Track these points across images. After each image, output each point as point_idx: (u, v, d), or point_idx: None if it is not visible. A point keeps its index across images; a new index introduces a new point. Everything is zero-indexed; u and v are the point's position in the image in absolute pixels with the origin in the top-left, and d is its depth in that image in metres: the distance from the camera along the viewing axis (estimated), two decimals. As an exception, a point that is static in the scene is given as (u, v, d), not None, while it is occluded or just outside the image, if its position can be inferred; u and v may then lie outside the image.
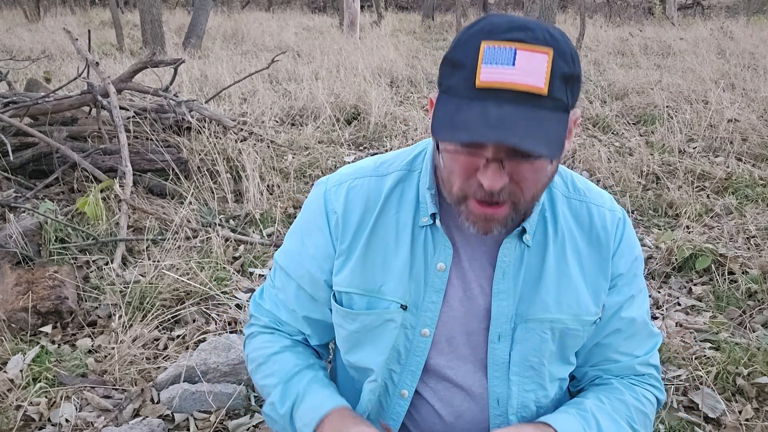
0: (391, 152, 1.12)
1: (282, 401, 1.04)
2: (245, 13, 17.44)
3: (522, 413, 1.04)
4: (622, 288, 1.05)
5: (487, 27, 0.82)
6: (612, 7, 16.78)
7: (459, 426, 1.05)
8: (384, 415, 1.07)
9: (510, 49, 0.79)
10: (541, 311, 1.00)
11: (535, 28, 0.81)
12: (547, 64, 0.79)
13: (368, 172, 1.07)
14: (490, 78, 0.79)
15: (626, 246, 1.05)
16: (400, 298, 1.00)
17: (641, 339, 1.09)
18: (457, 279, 1.01)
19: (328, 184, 1.08)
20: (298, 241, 1.10)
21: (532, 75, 0.79)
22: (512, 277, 1.00)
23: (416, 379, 1.04)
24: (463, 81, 0.82)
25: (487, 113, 0.79)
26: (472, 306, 1.02)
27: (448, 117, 0.82)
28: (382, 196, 1.03)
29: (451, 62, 0.84)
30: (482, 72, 0.80)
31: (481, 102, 0.80)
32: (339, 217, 1.04)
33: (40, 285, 2.60)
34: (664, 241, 3.28)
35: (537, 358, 1.01)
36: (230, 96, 6.29)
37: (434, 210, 0.99)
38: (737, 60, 8.37)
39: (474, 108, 0.80)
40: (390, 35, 12.24)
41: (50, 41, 10.74)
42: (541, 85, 0.79)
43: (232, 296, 2.76)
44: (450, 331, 1.02)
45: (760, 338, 2.49)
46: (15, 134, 3.86)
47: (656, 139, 5.16)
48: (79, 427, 2.04)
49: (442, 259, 1.00)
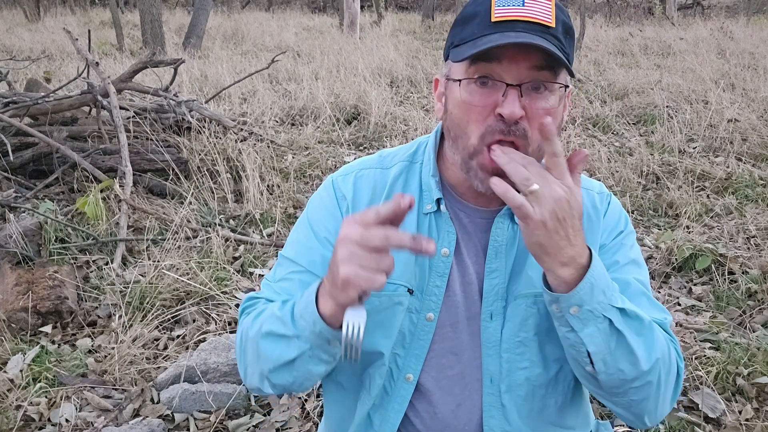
0: (393, 148, 1.16)
1: (281, 308, 0.98)
2: (245, 13, 17.44)
3: (517, 391, 1.03)
4: (604, 254, 1.03)
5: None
6: (612, 7, 16.78)
7: (459, 415, 1.06)
8: (388, 401, 1.07)
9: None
10: (527, 287, 1.02)
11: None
12: (551, 6, 0.90)
13: (373, 164, 1.11)
14: (504, 14, 0.88)
15: (610, 218, 1.07)
16: (406, 282, 1.03)
17: (642, 304, 1.01)
18: (457, 264, 1.04)
19: (334, 176, 1.12)
20: (306, 230, 1.10)
21: (541, 12, 0.89)
22: (504, 256, 1.02)
23: (420, 363, 1.05)
24: (478, 25, 0.90)
25: (506, 35, 0.87)
26: (470, 290, 1.04)
27: (469, 45, 0.90)
28: (387, 186, 1.07)
29: (462, 19, 0.93)
30: (495, 11, 0.89)
31: (498, 32, 0.88)
32: (349, 203, 1.07)
33: (40, 285, 2.60)
34: (664, 241, 3.28)
35: (526, 333, 1.02)
36: (230, 96, 6.29)
37: (439, 195, 1.02)
38: (737, 60, 8.37)
39: (492, 36, 0.88)
40: (390, 35, 12.25)
41: (50, 41, 10.74)
42: (549, 20, 0.89)
43: (232, 296, 2.76)
44: (454, 316, 1.04)
45: (760, 338, 2.49)
46: (15, 134, 3.86)
47: (656, 139, 5.16)
48: (79, 427, 2.04)
49: (446, 245, 1.03)
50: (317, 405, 2.15)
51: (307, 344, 0.92)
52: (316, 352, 0.93)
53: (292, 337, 0.93)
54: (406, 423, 1.09)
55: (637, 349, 0.90)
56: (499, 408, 1.04)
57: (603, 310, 0.88)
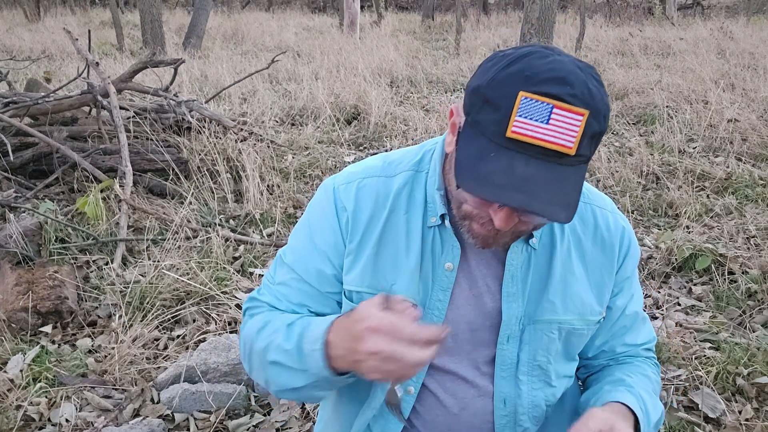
0: (398, 151, 1.12)
1: (288, 339, 0.97)
2: (245, 13, 17.44)
3: (533, 413, 1.06)
4: (627, 290, 1.11)
5: (527, 71, 0.81)
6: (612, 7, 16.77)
7: (464, 417, 1.06)
8: (389, 412, 1.07)
9: (547, 105, 0.79)
10: (549, 313, 1.02)
11: (575, 82, 0.80)
12: (581, 125, 0.80)
13: (376, 172, 1.07)
14: (523, 131, 0.79)
15: (634, 250, 1.11)
16: (410, 296, 1.02)
17: (641, 329, 1.16)
18: (464, 278, 1.03)
19: (336, 182, 1.09)
20: (306, 239, 1.09)
21: (564, 136, 0.80)
22: (521, 280, 1.02)
23: (422, 376, 1.06)
24: (494, 125, 0.82)
25: (513, 170, 0.80)
26: (478, 304, 1.03)
27: (472, 163, 0.82)
28: (390, 196, 1.04)
29: (484, 98, 0.83)
30: (515, 123, 0.80)
31: (508, 153, 0.81)
32: (349, 215, 1.04)
33: (40, 285, 2.60)
34: (664, 241, 3.28)
35: (545, 357, 1.04)
36: (230, 96, 6.29)
37: (443, 211, 1.00)
38: (737, 60, 8.37)
39: (501, 160, 0.80)
40: (390, 35, 12.24)
41: (50, 41, 10.74)
42: (570, 145, 0.80)
43: (232, 296, 2.76)
44: (456, 328, 1.04)
45: (760, 338, 2.49)
46: (15, 134, 3.86)
47: (656, 139, 5.16)
48: (79, 427, 2.04)
49: (450, 259, 1.02)
50: (317, 405, 2.15)
51: (314, 378, 0.93)
52: (323, 384, 0.94)
53: (299, 371, 0.94)
54: (409, 424, 1.09)
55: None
56: (513, 428, 1.07)
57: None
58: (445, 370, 1.06)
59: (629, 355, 1.16)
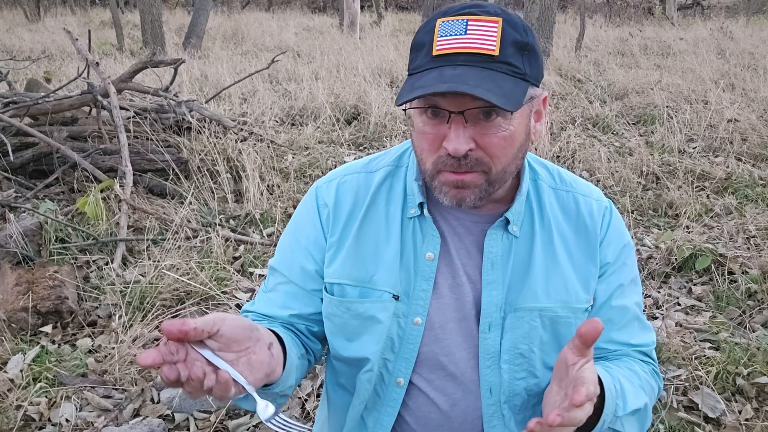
0: (381, 151, 1.16)
1: None
2: (245, 13, 17.43)
3: (513, 401, 1.05)
4: (610, 277, 1.07)
5: (444, 9, 0.90)
6: (612, 7, 16.78)
7: (454, 414, 1.06)
8: (380, 404, 1.08)
9: (462, 21, 0.87)
10: (530, 300, 1.02)
11: (487, 5, 0.89)
12: (497, 30, 0.86)
13: (358, 168, 1.11)
14: (444, 46, 0.87)
15: (614, 234, 1.07)
16: (391, 288, 1.03)
17: (635, 329, 1.10)
18: (445, 267, 1.04)
19: (319, 182, 1.13)
20: (291, 238, 1.12)
21: (483, 40, 0.86)
22: (501, 268, 1.02)
23: (411, 367, 1.06)
24: (423, 57, 0.89)
25: (443, 73, 0.85)
26: (461, 293, 1.04)
27: (408, 85, 0.89)
28: (371, 190, 1.07)
29: (415, 46, 0.92)
30: (437, 43, 0.87)
31: (437, 68, 0.87)
32: (330, 210, 1.07)
33: (40, 285, 2.60)
34: (664, 241, 3.28)
35: (526, 345, 1.03)
36: (230, 96, 6.29)
37: (422, 199, 1.02)
38: (737, 60, 8.37)
39: (431, 73, 0.86)
40: (390, 35, 12.25)
41: (50, 41, 10.74)
42: (492, 47, 0.85)
43: (232, 296, 2.76)
44: (442, 318, 1.04)
45: (760, 338, 2.49)
46: (15, 134, 3.86)
47: (656, 139, 5.16)
48: (79, 427, 2.04)
49: (431, 249, 1.02)
50: (317, 405, 2.15)
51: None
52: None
53: None
54: (401, 422, 1.10)
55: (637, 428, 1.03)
56: (500, 418, 1.06)
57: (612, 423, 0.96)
58: (435, 366, 1.06)
59: (622, 354, 1.11)
